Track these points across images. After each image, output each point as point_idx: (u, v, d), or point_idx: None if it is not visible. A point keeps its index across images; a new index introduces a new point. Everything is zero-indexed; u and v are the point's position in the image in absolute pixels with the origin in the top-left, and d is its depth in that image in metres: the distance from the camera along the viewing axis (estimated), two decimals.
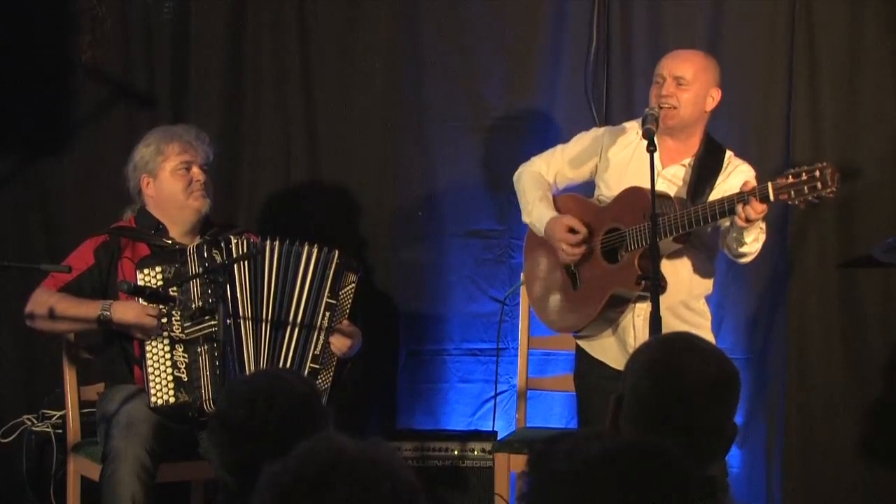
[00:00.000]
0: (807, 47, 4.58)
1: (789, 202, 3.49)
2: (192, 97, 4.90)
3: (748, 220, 3.53)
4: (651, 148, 3.56)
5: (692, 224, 3.62)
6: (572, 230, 3.82)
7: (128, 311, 3.78)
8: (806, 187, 3.44)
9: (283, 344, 3.86)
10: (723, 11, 4.66)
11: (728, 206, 3.56)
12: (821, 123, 4.57)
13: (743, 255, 3.76)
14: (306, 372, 3.84)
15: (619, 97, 4.70)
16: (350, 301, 3.94)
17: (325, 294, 3.89)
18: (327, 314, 3.89)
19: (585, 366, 3.98)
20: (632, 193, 3.76)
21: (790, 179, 3.47)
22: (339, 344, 3.92)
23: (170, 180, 3.96)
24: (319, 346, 3.88)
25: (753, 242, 3.70)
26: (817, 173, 3.44)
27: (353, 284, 3.95)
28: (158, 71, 4.90)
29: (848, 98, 4.58)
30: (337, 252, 3.91)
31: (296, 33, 4.87)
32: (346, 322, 3.94)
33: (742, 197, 3.53)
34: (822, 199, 3.47)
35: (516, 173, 4.06)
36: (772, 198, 3.49)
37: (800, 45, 4.58)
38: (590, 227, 3.86)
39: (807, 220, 4.54)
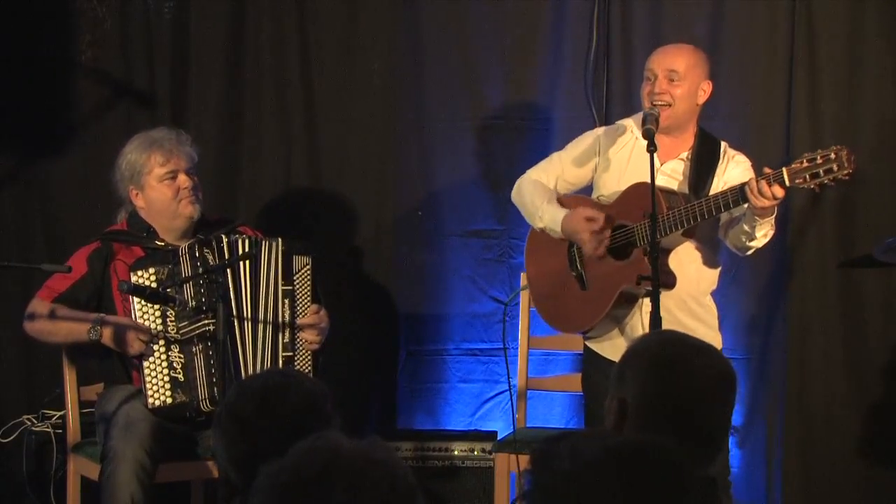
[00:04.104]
0: (807, 47, 4.58)
1: (805, 186, 3.50)
2: (192, 97, 4.90)
3: (763, 205, 3.53)
4: (651, 148, 3.57)
5: (703, 215, 3.63)
6: (590, 220, 3.80)
7: (116, 339, 3.77)
8: (821, 170, 3.47)
9: (260, 339, 3.86)
10: (723, 11, 4.67)
11: (741, 194, 3.57)
12: (821, 123, 4.57)
13: (750, 248, 3.78)
14: (281, 362, 3.84)
15: (619, 97, 4.70)
16: (308, 284, 3.93)
17: (280, 282, 3.87)
18: (286, 301, 3.88)
19: (593, 367, 3.97)
20: (637, 189, 3.76)
21: (805, 164, 3.49)
22: (310, 335, 3.91)
23: (157, 191, 3.94)
24: (287, 335, 3.87)
25: (762, 237, 3.72)
26: (832, 155, 3.46)
27: (308, 267, 3.93)
28: (158, 71, 4.89)
29: (848, 98, 4.58)
30: (280, 239, 3.90)
31: (295, 33, 4.87)
32: (313, 307, 3.93)
33: (748, 186, 3.54)
34: (838, 181, 3.48)
35: (515, 187, 4.03)
36: (787, 182, 3.50)
37: (800, 45, 4.58)
38: None
39: (807, 220, 4.54)
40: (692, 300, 3.85)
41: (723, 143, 3.92)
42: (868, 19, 4.56)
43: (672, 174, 3.85)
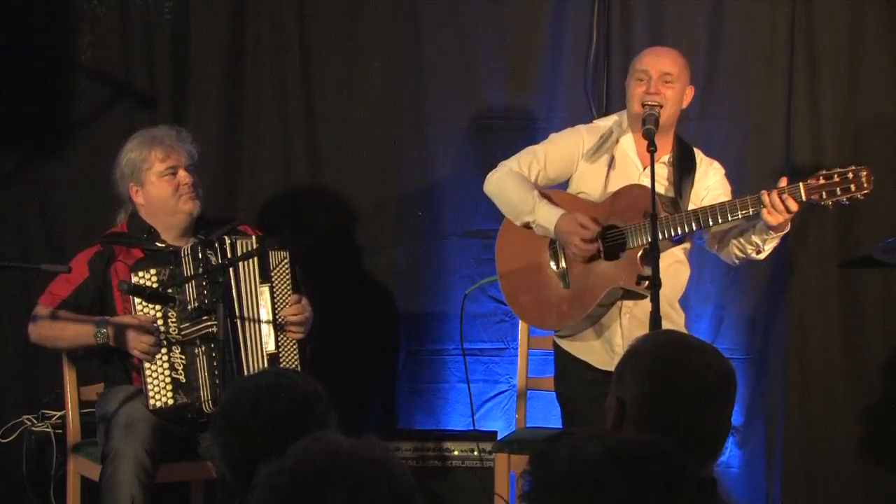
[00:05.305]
0: (807, 47, 4.58)
1: (821, 202, 3.52)
2: (192, 97, 4.90)
3: (776, 220, 3.54)
4: (652, 148, 3.57)
5: (707, 222, 3.65)
6: (584, 227, 3.78)
7: (123, 339, 3.77)
8: (839, 189, 3.50)
9: (249, 338, 3.85)
10: (723, 11, 4.67)
11: (752, 205, 3.57)
12: (821, 123, 4.57)
13: (752, 259, 3.80)
14: (266, 359, 3.84)
15: (619, 97, 4.67)
16: (288, 277, 3.93)
17: (258, 279, 3.87)
18: (266, 297, 3.87)
19: (567, 370, 3.97)
20: (632, 191, 3.77)
21: (822, 181, 3.51)
22: (293, 329, 3.90)
23: (157, 187, 3.95)
24: (271, 331, 3.87)
25: (768, 250, 3.74)
26: (850, 175, 3.49)
27: (286, 260, 3.93)
28: (158, 71, 4.89)
29: (848, 98, 4.58)
30: (254, 237, 3.91)
31: (296, 33, 4.87)
32: (293, 298, 3.92)
33: (759, 199, 3.55)
34: (854, 200, 3.51)
35: (492, 179, 3.96)
36: (803, 198, 3.53)
37: (800, 45, 4.58)
38: None
39: (807, 220, 4.54)
40: (667, 305, 3.85)
41: (696, 150, 3.95)
42: (868, 19, 4.56)
43: (657, 178, 3.82)
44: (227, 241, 3.83)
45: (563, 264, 3.90)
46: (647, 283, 3.55)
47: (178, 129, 4.05)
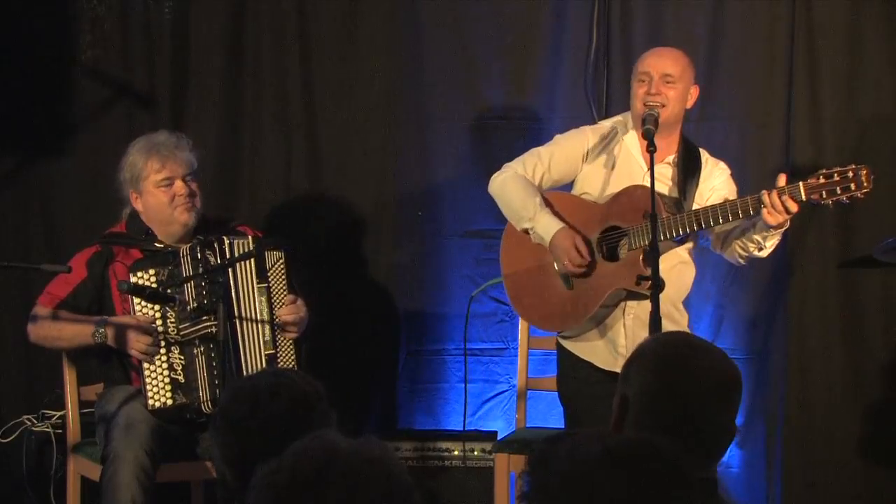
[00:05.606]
0: (807, 47, 4.58)
1: (821, 202, 3.52)
2: (192, 97, 4.90)
3: (777, 220, 3.54)
4: (651, 148, 3.57)
5: (708, 222, 3.64)
6: (579, 252, 3.76)
7: (121, 340, 3.77)
8: (839, 188, 3.49)
9: (247, 338, 3.85)
10: (723, 11, 4.67)
11: (753, 205, 3.57)
12: (821, 123, 4.57)
13: (755, 258, 3.79)
14: (264, 360, 3.84)
15: (619, 97, 4.69)
16: (283, 277, 3.93)
17: (255, 280, 3.87)
18: (262, 299, 3.87)
19: (570, 370, 3.96)
20: (633, 192, 3.76)
21: (822, 180, 3.50)
22: (288, 329, 3.90)
23: (154, 197, 3.94)
24: (269, 331, 3.87)
25: (770, 248, 3.74)
26: (850, 174, 3.48)
27: (281, 261, 3.93)
28: (158, 71, 4.89)
29: (848, 98, 4.58)
30: (250, 238, 3.91)
31: (295, 33, 4.87)
32: (289, 298, 3.92)
33: (759, 199, 3.55)
34: (854, 199, 3.50)
35: (497, 181, 3.97)
36: (803, 197, 3.52)
37: (800, 45, 4.58)
38: (584, 224, 3.85)
39: (807, 220, 4.54)
40: (671, 305, 3.85)
41: (702, 150, 3.94)
42: (868, 19, 4.56)
43: (660, 178, 3.84)
44: (227, 242, 3.83)
45: None
46: (648, 283, 3.54)
47: (178, 136, 4.03)
